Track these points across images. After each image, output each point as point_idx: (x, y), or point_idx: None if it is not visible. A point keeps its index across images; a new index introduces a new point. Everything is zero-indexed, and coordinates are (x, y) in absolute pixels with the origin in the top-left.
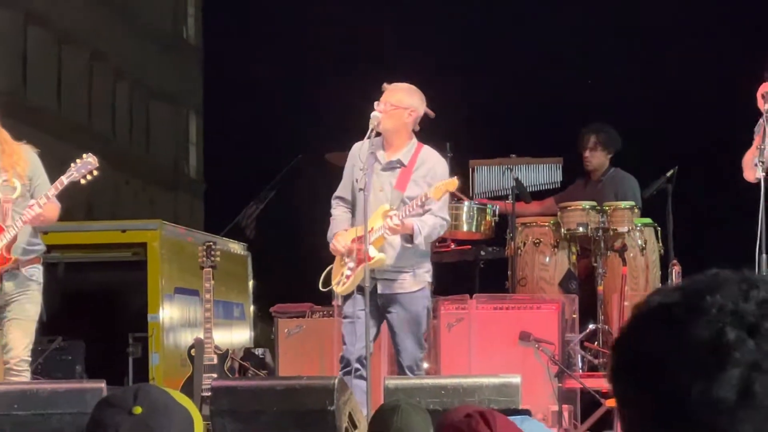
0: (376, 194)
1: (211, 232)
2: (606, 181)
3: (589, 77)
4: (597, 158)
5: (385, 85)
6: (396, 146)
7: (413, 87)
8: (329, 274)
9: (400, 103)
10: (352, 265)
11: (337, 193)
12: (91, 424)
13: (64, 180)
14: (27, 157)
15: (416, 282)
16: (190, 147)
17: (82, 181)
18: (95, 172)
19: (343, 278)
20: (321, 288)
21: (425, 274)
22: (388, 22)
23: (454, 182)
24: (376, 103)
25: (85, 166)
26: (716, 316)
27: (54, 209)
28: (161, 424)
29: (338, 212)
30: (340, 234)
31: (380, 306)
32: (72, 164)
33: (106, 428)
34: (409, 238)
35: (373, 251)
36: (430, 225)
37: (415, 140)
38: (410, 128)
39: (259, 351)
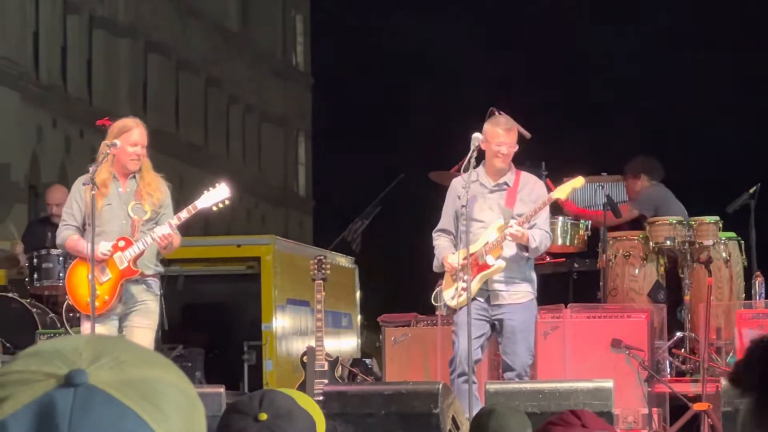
0: (485, 214)
1: (319, 246)
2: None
3: (677, 101)
4: (629, 187)
5: (497, 129)
6: (499, 173)
7: (511, 120)
8: (436, 289)
9: (514, 142)
10: (467, 277)
11: (439, 227)
12: (219, 428)
13: (198, 205)
14: (163, 189)
15: (528, 293)
16: (299, 167)
17: (214, 209)
18: (227, 202)
19: (459, 291)
20: (433, 303)
21: (534, 287)
22: (487, 48)
23: (581, 180)
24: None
25: (219, 195)
26: None
27: (179, 242)
28: (285, 429)
29: (442, 241)
30: (449, 256)
31: (492, 316)
32: (205, 191)
33: None
34: (524, 247)
35: (491, 260)
36: (539, 236)
37: (513, 166)
38: None
39: (367, 361)
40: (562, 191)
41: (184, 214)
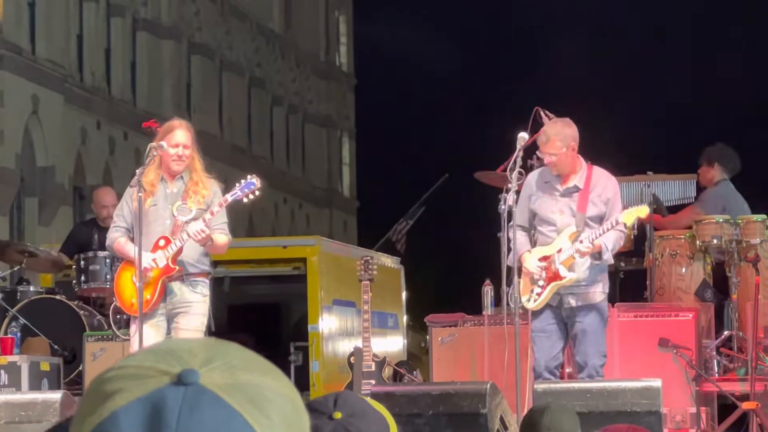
0: (557, 217)
1: (364, 247)
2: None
3: (723, 98)
4: (701, 174)
5: (539, 139)
6: (569, 175)
7: (565, 120)
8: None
9: (565, 143)
10: (542, 283)
11: (516, 222)
12: None
13: (228, 198)
14: (212, 189)
15: (601, 293)
16: (343, 167)
17: (245, 200)
18: (258, 193)
19: (533, 295)
20: (509, 303)
21: (605, 286)
22: (536, 47)
23: (645, 210)
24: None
25: (248, 186)
26: None
27: (225, 241)
28: (359, 428)
29: (519, 236)
30: (526, 255)
31: (565, 318)
32: (237, 184)
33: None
34: (597, 255)
35: (564, 271)
36: (613, 241)
37: (584, 163)
38: (576, 155)
39: (414, 373)
40: (628, 217)
41: (216, 209)
